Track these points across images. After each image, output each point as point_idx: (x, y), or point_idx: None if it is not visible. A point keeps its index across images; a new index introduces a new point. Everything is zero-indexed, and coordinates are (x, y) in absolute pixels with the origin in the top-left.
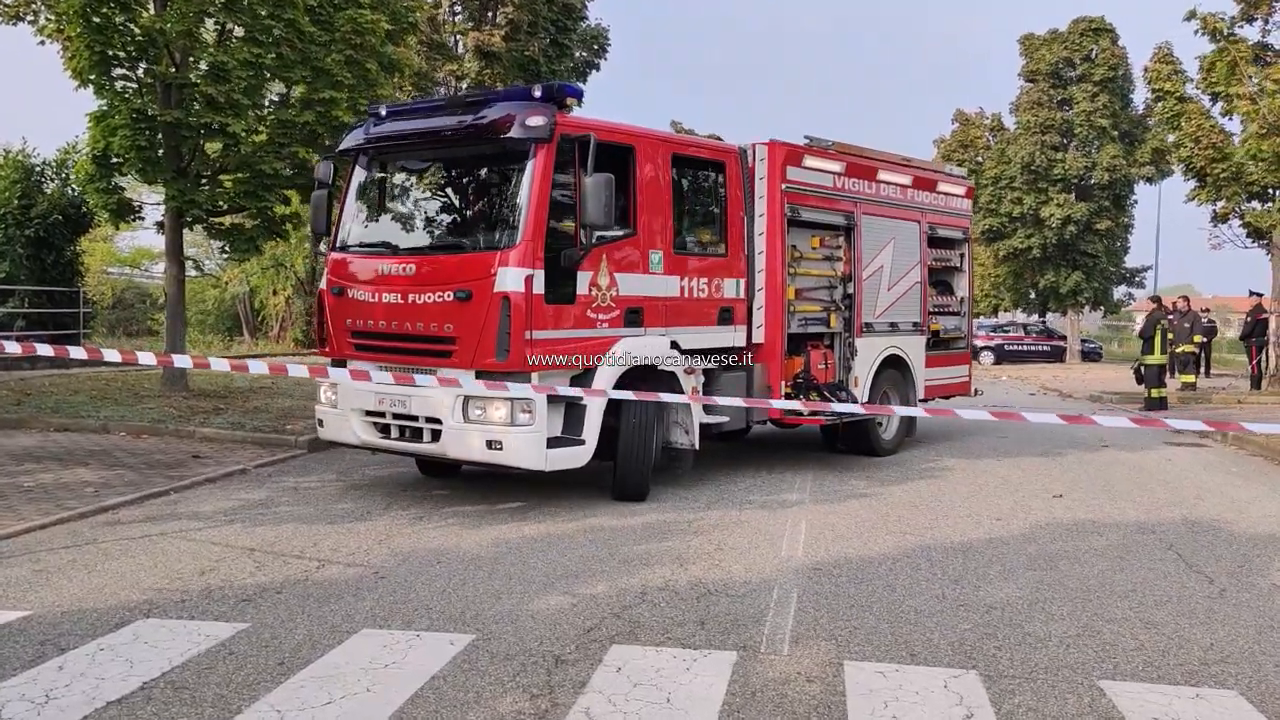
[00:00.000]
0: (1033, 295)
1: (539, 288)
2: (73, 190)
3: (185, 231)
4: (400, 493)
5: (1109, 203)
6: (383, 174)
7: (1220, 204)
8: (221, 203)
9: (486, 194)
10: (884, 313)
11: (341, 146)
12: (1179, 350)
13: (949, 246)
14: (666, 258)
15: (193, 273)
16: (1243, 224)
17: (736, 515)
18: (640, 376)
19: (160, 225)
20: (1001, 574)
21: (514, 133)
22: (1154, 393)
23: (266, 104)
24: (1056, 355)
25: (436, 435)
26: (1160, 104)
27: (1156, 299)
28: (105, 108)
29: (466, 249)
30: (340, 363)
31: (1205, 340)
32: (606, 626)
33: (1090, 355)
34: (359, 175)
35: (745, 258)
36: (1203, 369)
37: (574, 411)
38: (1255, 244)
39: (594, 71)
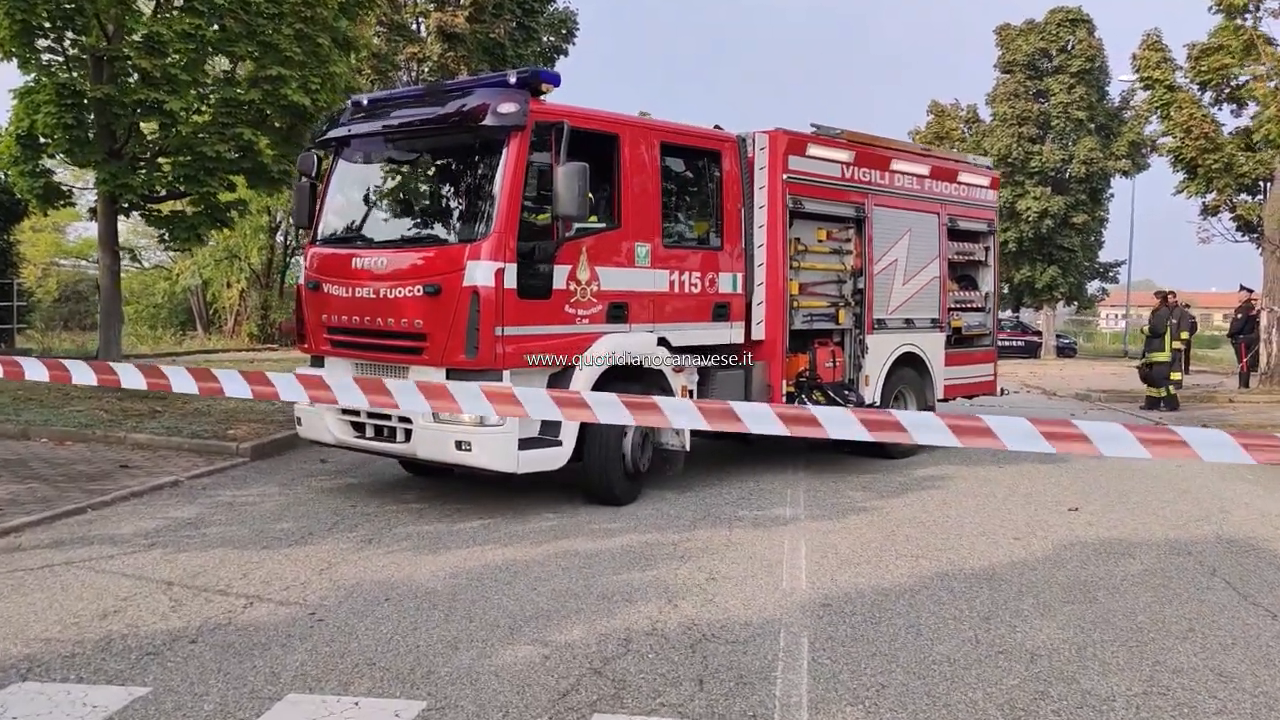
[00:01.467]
0: (1007, 290)
1: (510, 282)
2: (4, 176)
3: (127, 219)
4: (349, 509)
5: (1085, 196)
6: (361, 165)
7: (1211, 196)
8: (159, 188)
9: (460, 185)
10: (898, 308)
11: (320, 137)
12: (1175, 345)
13: (972, 239)
14: (654, 251)
15: (134, 265)
16: (1233, 217)
17: (726, 535)
18: (626, 375)
19: (93, 212)
20: (1037, 609)
21: (487, 120)
22: (1163, 391)
23: (209, 81)
24: (1031, 351)
25: (410, 435)
26: (1149, 93)
27: (1162, 294)
28: (31, 83)
29: (438, 242)
30: (319, 360)
31: (1188, 337)
32: (586, 688)
33: (1065, 351)
34: (337, 166)
35: (743, 251)
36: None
37: None
38: (1245, 238)
39: (562, 57)
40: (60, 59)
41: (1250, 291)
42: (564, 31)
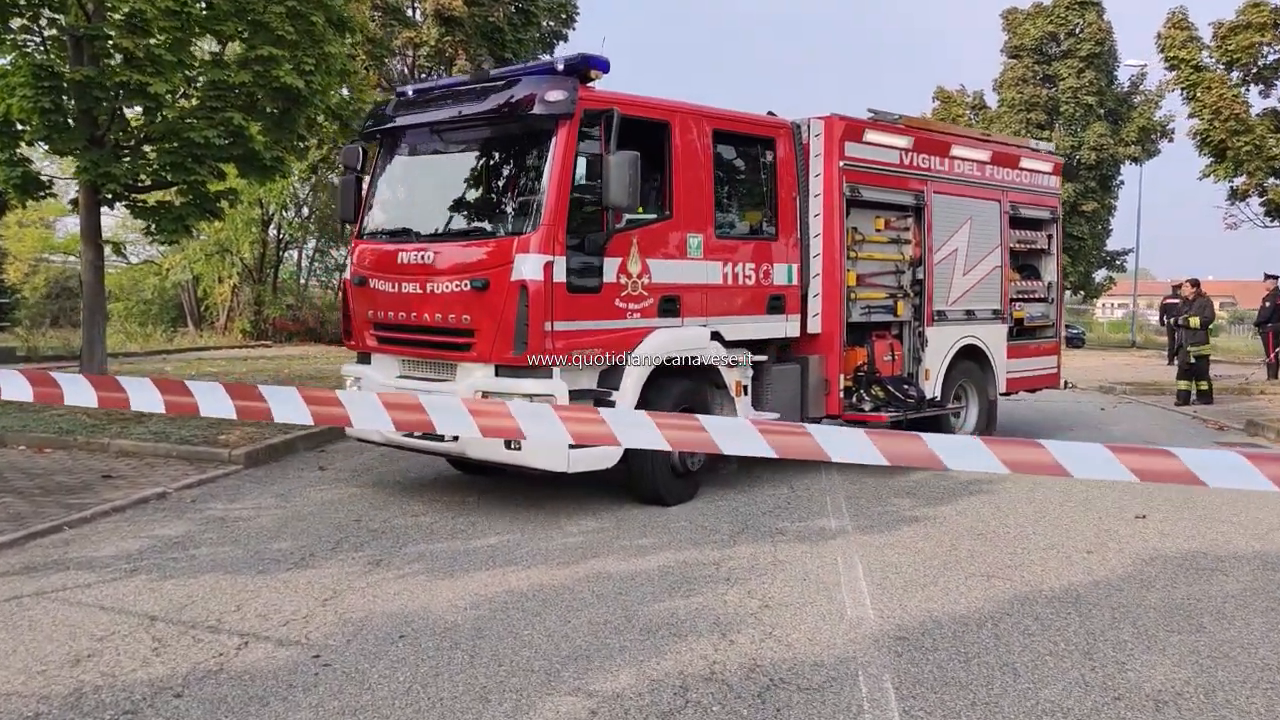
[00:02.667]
0: None
1: (560, 275)
2: None
3: (112, 211)
4: (353, 525)
5: (1095, 183)
6: (404, 156)
7: (1240, 180)
8: (144, 177)
9: (507, 175)
10: (959, 299)
11: (364, 129)
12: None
13: (1035, 227)
14: (707, 242)
15: (120, 260)
16: (1263, 201)
17: (771, 552)
18: (678, 371)
19: (75, 203)
20: (1138, 639)
21: (535, 109)
22: (1203, 384)
23: (196, 63)
24: None
25: (459, 434)
26: (1174, 73)
27: (1196, 282)
28: (7, 65)
29: (485, 235)
30: (365, 357)
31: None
32: None
33: (1073, 341)
34: (381, 159)
35: (798, 241)
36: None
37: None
38: (1275, 222)
39: (561, 43)
40: (37, 39)
41: (1276, 279)
42: (564, 16)
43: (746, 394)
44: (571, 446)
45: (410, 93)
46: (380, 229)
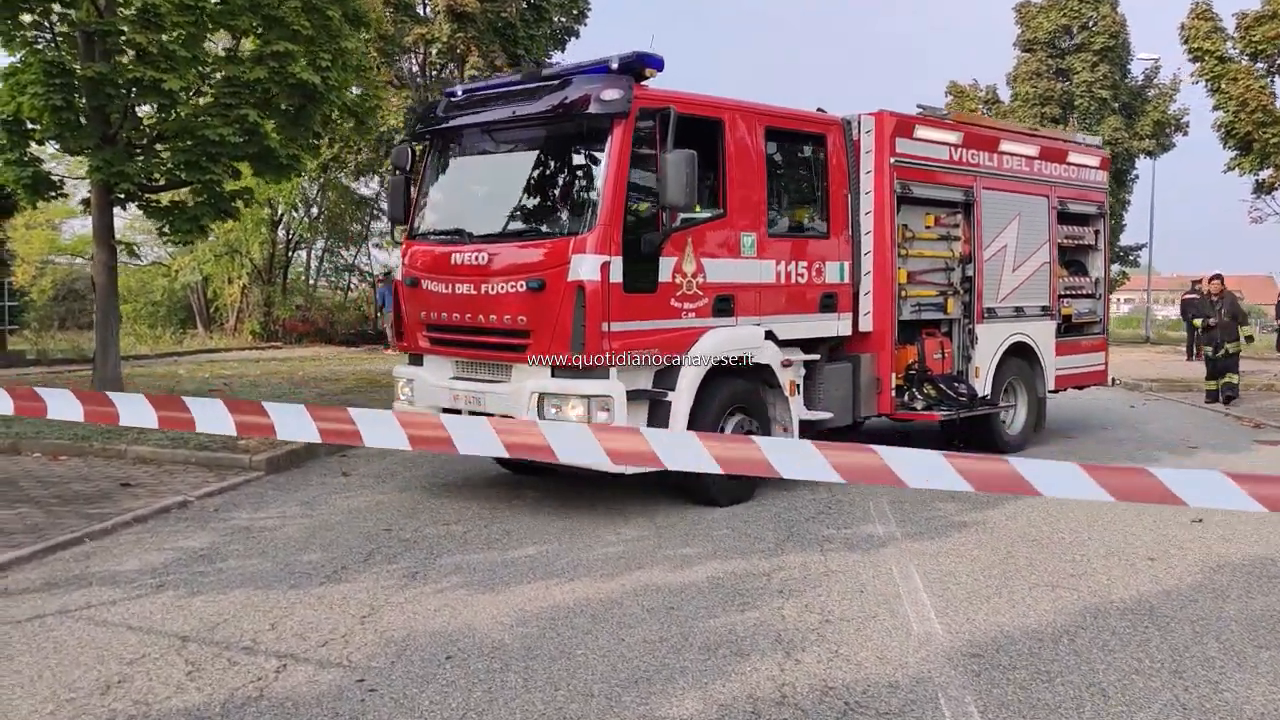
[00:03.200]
0: None
1: (617, 276)
2: None
3: (122, 211)
4: (383, 534)
5: (1110, 178)
6: (456, 157)
7: (1267, 173)
8: (158, 176)
9: (562, 176)
10: (1008, 296)
11: (413, 127)
12: (1202, 338)
13: (1082, 223)
14: (760, 240)
15: (131, 261)
16: None
17: (821, 561)
18: (732, 370)
19: (86, 204)
20: (1228, 657)
21: (590, 108)
22: (1232, 378)
23: (210, 59)
24: None
25: None
26: (1198, 65)
27: (1219, 277)
28: (17, 63)
29: (540, 235)
30: (417, 358)
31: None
32: None
33: None
34: (432, 159)
35: (850, 239)
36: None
37: (659, 409)
38: None
39: (573, 39)
40: (48, 36)
41: None
42: (575, 12)
43: (799, 393)
44: None
45: (460, 93)
46: (433, 230)
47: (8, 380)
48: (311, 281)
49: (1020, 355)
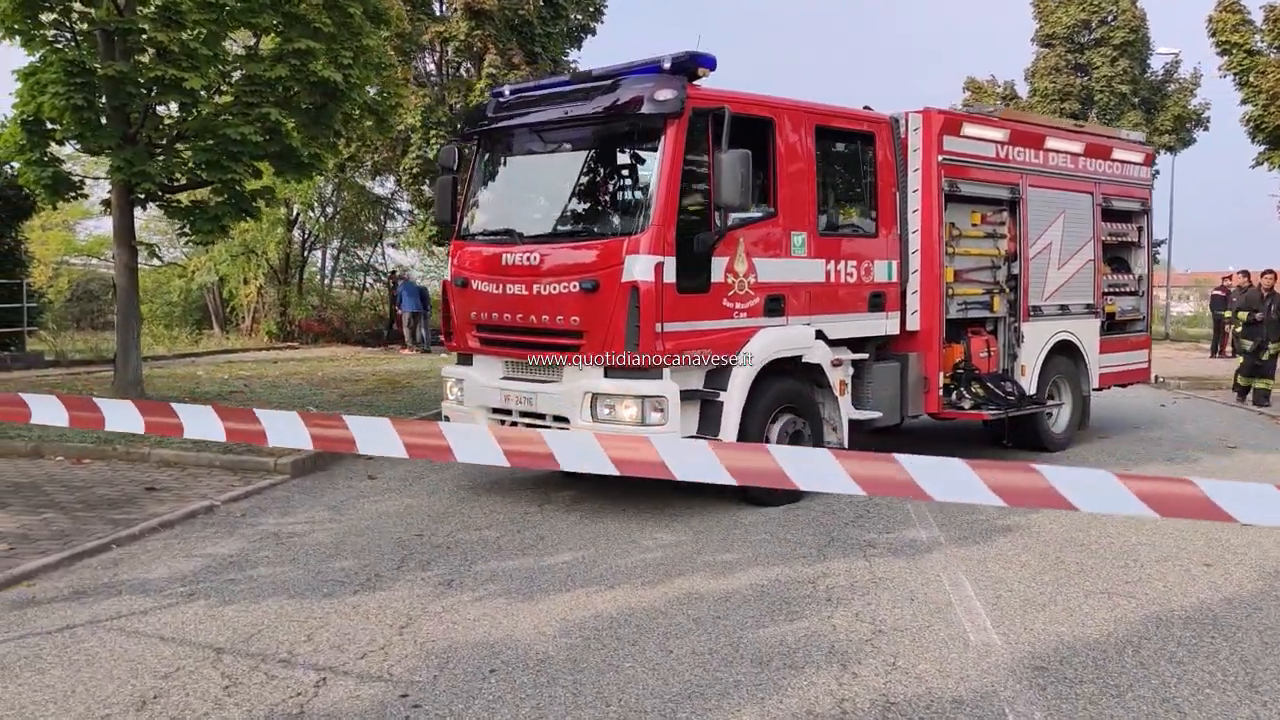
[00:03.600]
0: None
1: (670, 276)
2: (11, 169)
3: (141, 212)
4: (414, 539)
5: None
6: (505, 157)
7: None
8: (179, 175)
9: (614, 176)
10: (1053, 294)
11: (462, 128)
12: (1240, 332)
13: (1125, 219)
14: (810, 239)
15: (149, 263)
16: None
17: (866, 567)
18: (782, 370)
19: (106, 204)
20: None
21: (644, 109)
22: (1265, 383)
23: (230, 57)
24: None
25: None
26: (1226, 58)
27: (1271, 272)
28: (37, 62)
29: (593, 236)
30: (466, 358)
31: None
32: None
33: None
34: (481, 159)
35: (898, 237)
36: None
37: (710, 409)
38: None
39: (589, 36)
40: (67, 34)
41: None
42: (592, 10)
43: (848, 392)
44: None
45: (508, 93)
46: (483, 230)
47: (28, 381)
48: (327, 281)
49: (1065, 353)
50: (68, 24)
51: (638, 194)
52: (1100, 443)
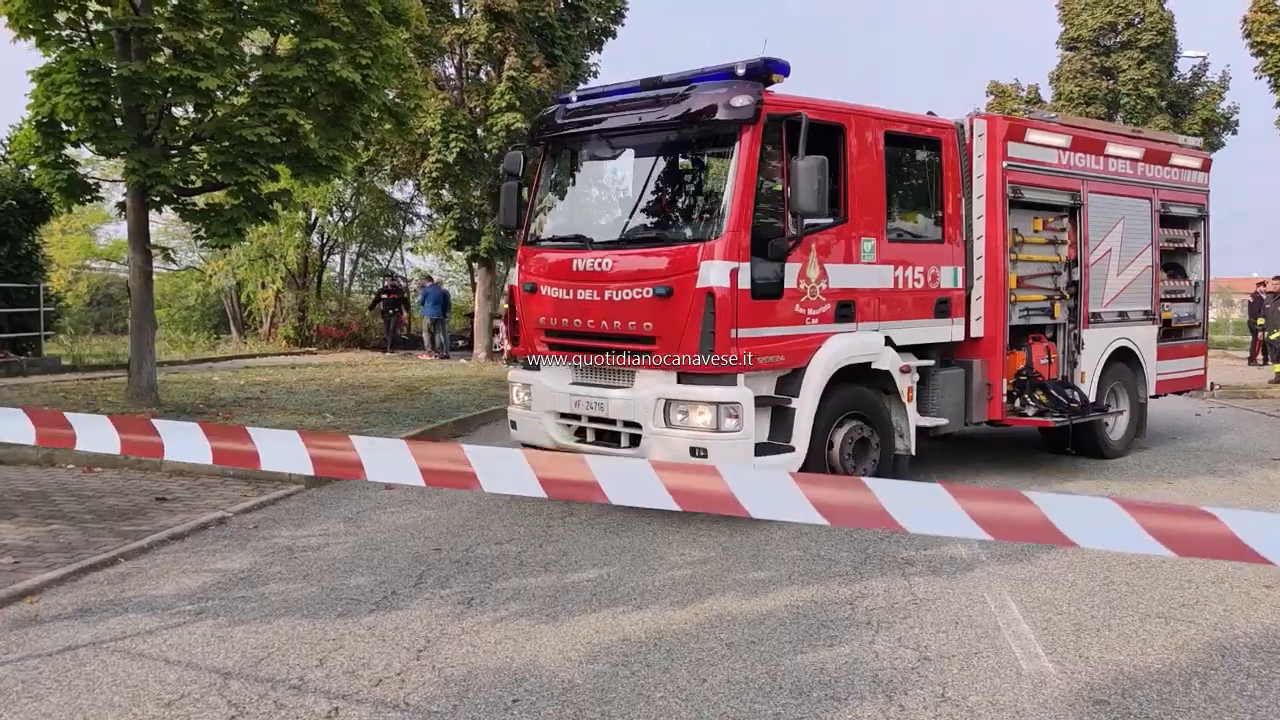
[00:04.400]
0: None
1: (745, 282)
2: (28, 173)
3: (157, 215)
4: (433, 554)
5: None
6: (575, 163)
7: None
8: (195, 178)
9: (687, 182)
10: (1112, 301)
11: (530, 134)
12: (1274, 337)
13: (1182, 225)
14: (879, 245)
15: (165, 266)
16: None
17: (905, 587)
18: (851, 377)
19: (122, 207)
20: None
21: (719, 115)
22: None
23: (247, 57)
24: None
25: (635, 440)
26: (1262, 59)
27: None
28: (52, 63)
29: (667, 242)
30: (532, 362)
31: None
32: None
33: None
34: (549, 165)
35: (963, 243)
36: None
37: (782, 415)
38: None
39: (610, 39)
40: (82, 34)
41: None
42: (613, 12)
43: (914, 399)
44: (756, 453)
45: (575, 99)
46: (551, 235)
47: (42, 386)
48: (345, 286)
49: (1123, 360)
50: (82, 23)
51: (711, 200)
52: (1138, 454)
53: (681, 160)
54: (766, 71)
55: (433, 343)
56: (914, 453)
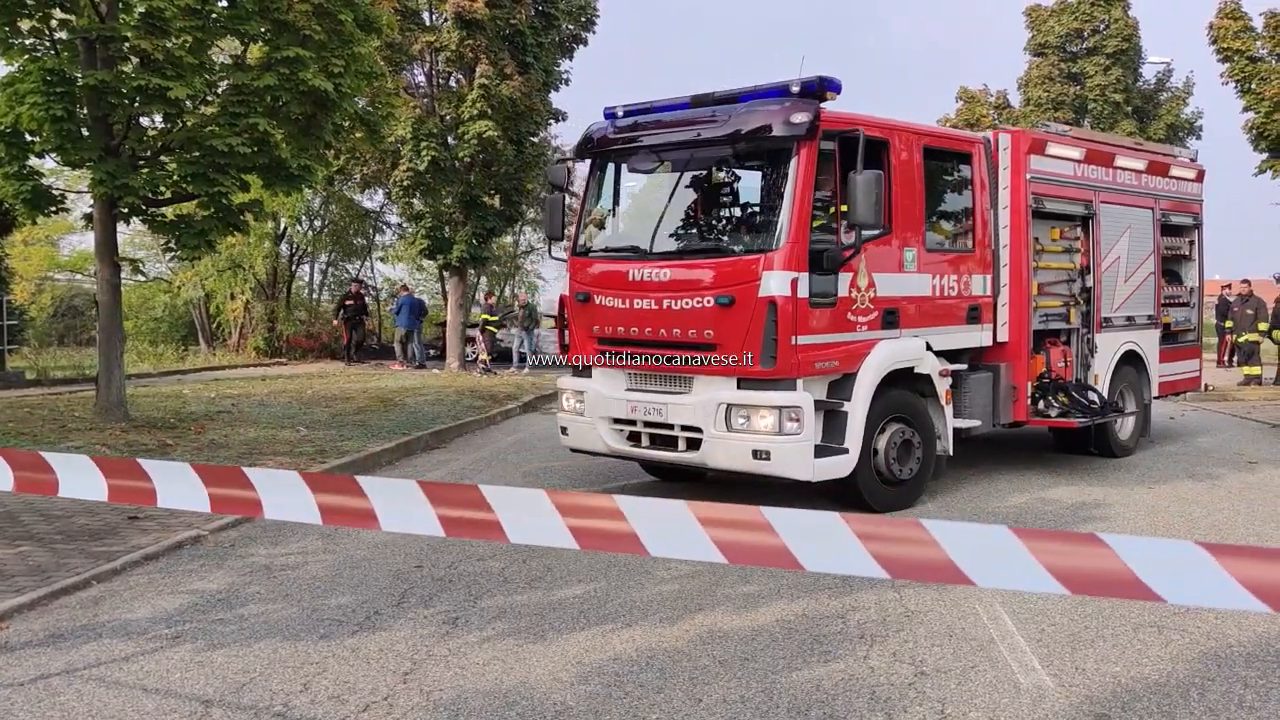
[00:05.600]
0: None
1: (804, 291)
2: None
3: (125, 226)
4: (414, 572)
5: None
6: (626, 176)
7: None
8: (164, 189)
9: (744, 195)
10: (1121, 306)
11: (580, 148)
12: (1241, 340)
13: (1178, 234)
14: (920, 255)
15: (133, 278)
16: None
17: (897, 599)
18: (894, 381)
19: (88, 219)
20: None
21: (777, 131)
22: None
23: (217, 66)
24: None
25: (692, 444)
26: (1228, 65)
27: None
28: (15, 73)
29: (725, 252)
30: (585, 370)
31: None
32: None
33: None
34: (599, 178)
35: (991, 252)
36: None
37: (834, 419)
38: None
39: (581, 46)
40: (47, 43)
41: None
42: (584, 20)
43: (952, 402)
44: (816, 455)
45: (621, 113)
46: (605, 246)
47: (7, 402)
48: (315, 296)
49: (1130, 363)
50: (47, 32)
51: (769, 212)
52: (1117, 460)
53: (738, 173)
54: (821, 89)
55: (404, 352)
56: (951, 454)
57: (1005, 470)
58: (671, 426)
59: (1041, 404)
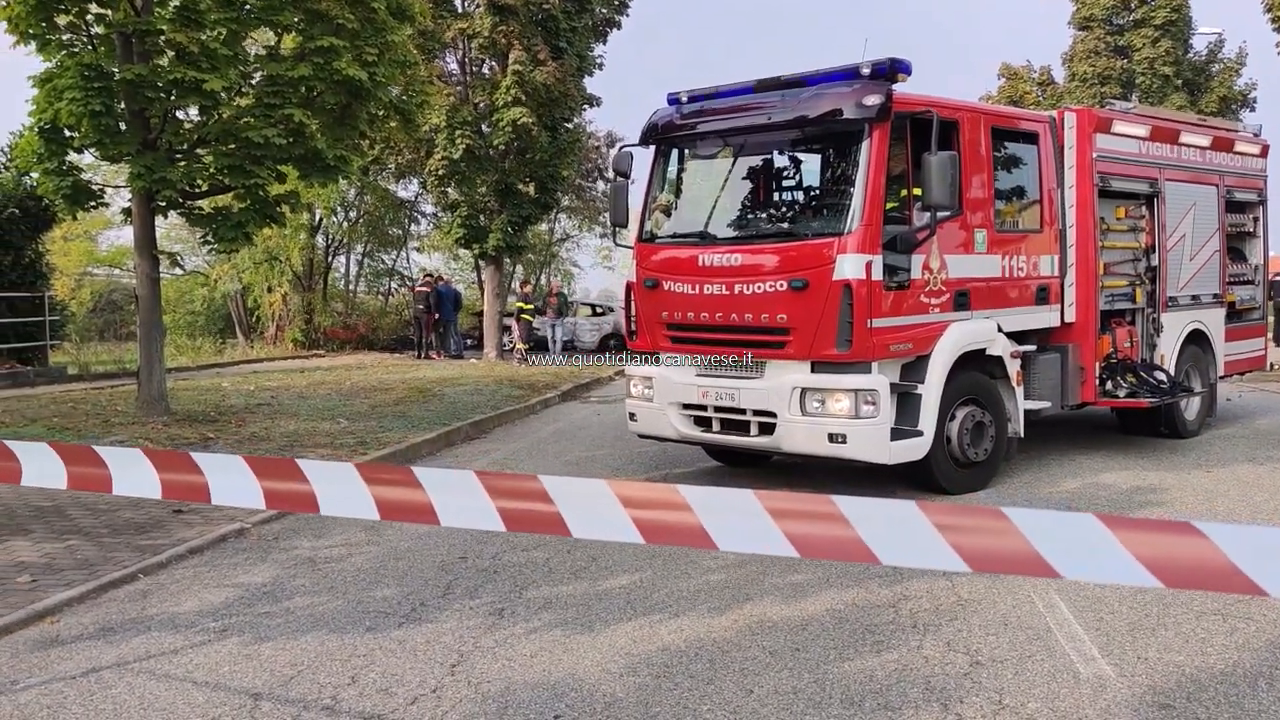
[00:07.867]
0: None
1: (878, 274)
2: (30, 180)
3: (163, 220)
4: (458, 563)
5: None
6: (693, 161)
7: None
8: (201, 181)
9: (815, 179)
10: (1186, 285)
11: (646, 134)
12: None
13: (1243, 210)
14: (989, 236)
15: (170, 271)
16: None
17: (949, 587)
18: (966, 363)
19: (127, 213)
20: None
21: (849, 114)
22: None
23: (251, 57)
24: None
25: (765, 428)
26: None
27: None
28: (53, 68)
29: (797, 236)
30: (652, 356)
31: None
32: None
33: None
34: (663, 164)
35: (1058, 232)
36: None
37: (908, 401)
38: None
39: (614, 30)
40: (84, 38)
41: None
42: (616, 3)
43: (1023, 384)
44: (892, 438)
45: (685, 98)
46: (672, 232)
47: (51, 397)
48: (352, 287)
49: (1196, 343)
50: (84, 27)
51: (841, 195)
52: (1173, 441)
53: (808, 157)
54: (893, 71)
55: (442, 343)
56: (1022, 435)
57: (1054, 454)
58: (743, 411)
59: (1109, 384)
